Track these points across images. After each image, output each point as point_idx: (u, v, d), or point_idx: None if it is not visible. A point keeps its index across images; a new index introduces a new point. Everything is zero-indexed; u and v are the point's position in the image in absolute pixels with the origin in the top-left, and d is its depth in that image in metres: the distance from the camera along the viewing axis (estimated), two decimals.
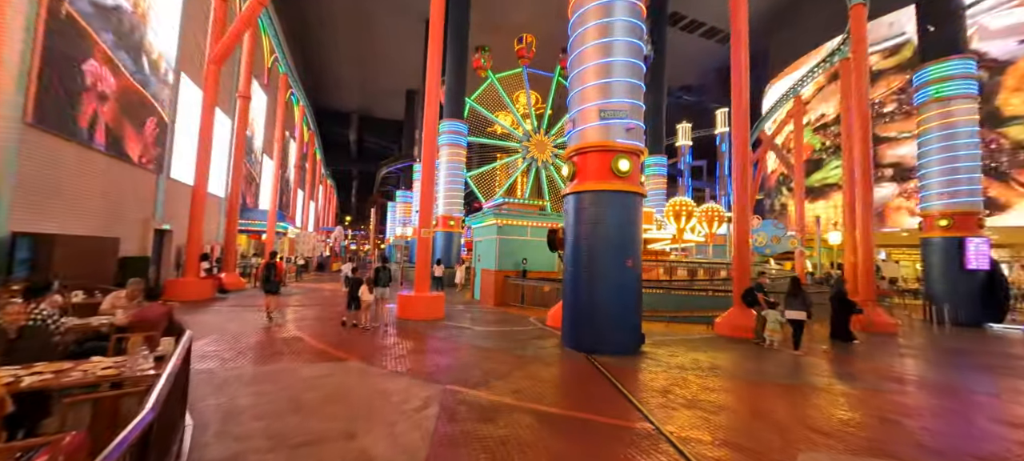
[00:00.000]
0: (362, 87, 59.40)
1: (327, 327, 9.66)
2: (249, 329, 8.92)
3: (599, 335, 7.87)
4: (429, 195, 12.19)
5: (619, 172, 7.98)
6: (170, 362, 3.04)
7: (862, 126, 13.48)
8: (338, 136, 69.18)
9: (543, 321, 11.32)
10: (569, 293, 8.43)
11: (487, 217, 15.40)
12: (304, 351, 7.23)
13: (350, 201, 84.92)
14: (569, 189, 8.61)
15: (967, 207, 14.86)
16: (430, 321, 10.82)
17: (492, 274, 14.74)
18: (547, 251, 15.74)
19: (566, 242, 8.67)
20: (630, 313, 8.00)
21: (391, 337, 8.69)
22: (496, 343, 8.49)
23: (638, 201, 8.23)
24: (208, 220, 19.74)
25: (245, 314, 10.90)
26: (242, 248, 26.78)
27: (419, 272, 11.64)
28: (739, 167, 11.11)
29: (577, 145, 8.46)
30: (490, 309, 13.67)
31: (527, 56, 30.47)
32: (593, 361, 7.22)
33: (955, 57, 15.44)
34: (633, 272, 8.04)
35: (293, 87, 30.58)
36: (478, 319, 11.54)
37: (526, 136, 31.11)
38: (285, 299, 14.21)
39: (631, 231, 8.08)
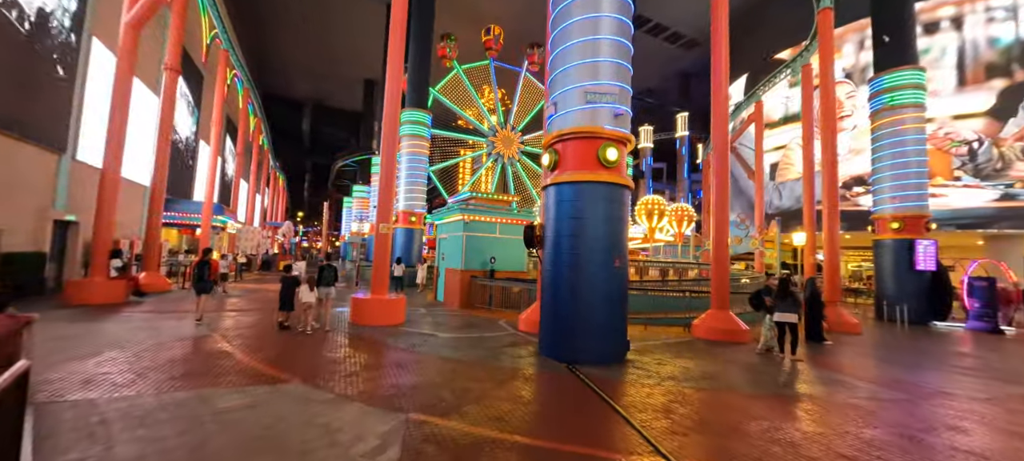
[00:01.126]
0: (317, 74, 55.79)
1: (265, 336, 8.19)
2: (163, 340, 7.30)
3: (583, 343, 7.04)
4: (389, 189, 10.93)
5: (606, 162, 7.19)
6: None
7: (828, 128, 13.67)
8: (290, 126, 64.77)
9: (515, 325, 10.41)
10: (549, 296, 7.55)
11: (453, 213, 14.26)
12: (230, 370, 5.84)
13: (302, 196, 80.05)
14: (550, 180, 7.73)
15: (916, 211, 15.57)
16: (389, 327, 9.58)
17: (458, 274, 13.62)
18: (516, 250, 14.90)
19: (545, 239, 7.79)
20: (616, 318, 7.25)
21: (341, 348, 7.41)
22: (466, 353, 7.45)
23: (626, 195, 7.50)
24: (127, 211, 17.17)
25: (162, 322, 9.13)
26: (171, 244, 23.83)
27: (377, 272, 10.35)
28: (719, 166, 10.74)
29: (559, 131, 7.59)
30: (456, 312, 12.56)
31: (494, 48, 29.45)
32: (578, 373, 6.37)
33: (906, 68, 16.16)
34: (620, 273, 7.29)
35: (237, 68, 27.74)
36: (443, 324, 10.42)
37: (492, 131, 30.09)
38: (220, 302, 12.34)
39: (618, 227, 7.33)
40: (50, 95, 12.69)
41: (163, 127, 15.30)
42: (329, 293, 9.13)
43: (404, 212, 21.84)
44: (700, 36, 41.48)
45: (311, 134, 67.04)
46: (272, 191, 57.06)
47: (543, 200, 8.60)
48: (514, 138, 30.64)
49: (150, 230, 14.92)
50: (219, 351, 6.86)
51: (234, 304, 12.43)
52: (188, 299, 13.01)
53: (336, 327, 9.35)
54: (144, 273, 14.46)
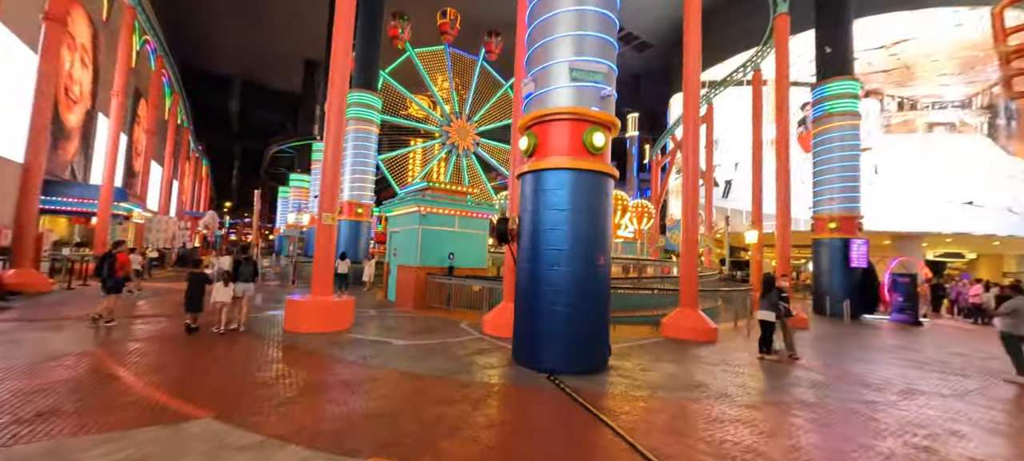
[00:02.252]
0: (249, 50, 50.53)
1: (171, 349, 6.56)
2: (23, 361, 5.48)
3: (564, 350, 6.26)
4: (335, 175, 9.48)
5: (592, 147, 6.45)
6: None
7: (782, 130, 14.11)
8: (216, 105, 58.22)
9: (478, 328, 9.46)
10: (525, 297, 6.69)
11: (407, 204, 12.95)
12: (114, 403, 4.35)
13: (230, 183, 72.68)
14: (527, 166, 6.86)
15: (850, 212, 16.67)
16: (332, 334, 8.21)
17: (412, 271, 12.36)
18: (476, 245, 13.91)
19: (521, 233, 6.91)
20: (601, 322, 6.55)
21: (272, 363, 6.04)
22: (429, 365, 6.39)
23: (611, 185, 6.81)
24: None
25: (27, 333, 7.08)
26: (58, 235, 19.97)
27: (319, 269, 8.89)
28: (689, 163, 10.49)
29: (538, 111, 6.73)
30: (410, 314, 11.34)
31: (450, 32, 27.97)
32: (563, 387, 5.57)
33: (843, 78, 17.24)
34: (604, 271, 6.60)
35: (148, 31, 23.93)
36: (397, 329, 9.21)
37: (446, 120, 28.64)
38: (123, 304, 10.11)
39: (603, 221, 6.62)
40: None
41: (41, 90, 12.41)
42: (247, 290, 8.37)
43: (350, 203, 19.93)
44: (652, 39, 42.73)
45: (241, 116, 60.75)
46: (192, 177, 51.00)
47: (516, 189, 7.73)
48: (469, 129, 29.42)
49: (23, 217, 12.06)
50: (103, 373, 5.23)
51: (138, 308, 10.27)
52: (73, 301, 10.63)
53: (266, 334, 7.84)
54: (14, 269, 11.66)
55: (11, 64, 15.13)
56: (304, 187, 42.80)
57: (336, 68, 9.36)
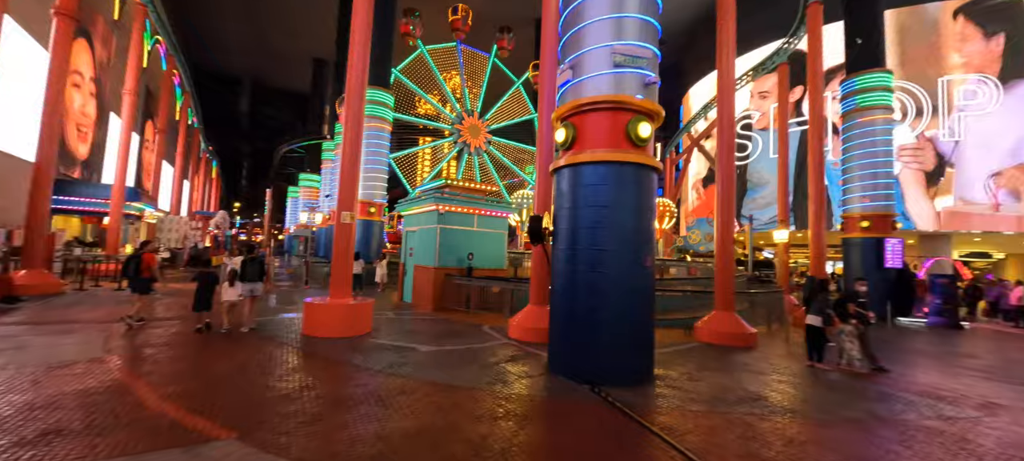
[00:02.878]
0: (258, 50, 50.63)
1: (184, 357, 6.16)
2: (24, 372, 5.10)
3: (607, 359, 5.76)
4: (353, 171, 9.05)
5: (637, 139, 5.93)
6: None
7: (816, 123, 13.46)
8: (226, 106, 58.51)
9: (502, 331, 9.00)
10: (563, 302, 6.19)
11: (425, 203, 12.51)
12: (124, 421, 3.93)
13: (239, 184, 73.06)
14: (564, 160, 6.36)
15: (883, 210, 15.94)
16: (353, 339, 7.78)
17: (430, 272, 11.92)
18: (495, 245, 13.43)
19: (557, 233, 6.42)
20: (647, 328, 6.04)
21: (293, 372, 5.60)
22: (460, 374, 5.92)
23: (655, 180, 6.29)
24: (10, 193, 13.72)
25: (33, 338, 6.72)
26: (73, 235, 19.84)
27: (337, 270, 8.47)
28: (725, 160, 9.92)
29: (576, 101, 6.22)
30: (429, 316, 10.89)
31: (462, 29, 27.51)
32: (611, 400, 5.08)
33: (875, 70, 16.51)
34: (650, 273, 6.08)
35: (159, 29, 23.79)
36: (420, 333, 8.75)
37: (458, 118, 28.21)
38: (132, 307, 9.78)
39: (648, 219, 6.11)
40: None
41: (51, 87, 12.14)
42: (253, 290, 8.19)
43: (363, 202, 19.52)
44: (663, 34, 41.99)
45: (250, 116, 60.98)
46: (203, 177, 51.17)
47: (542, 186, 7.25)
48: (481, 127, 28.97)
49: (33, 216, 11.79)
50: (112, 385, 4.82)
51: (151, 310, 9.91)
52: (85, 303, 10.33)
53: (284, 339, 7.42)
54: (24, 269, 11.40)
55: (21, 60, 14.93)
56: (314, 187, 42.68)
57: (354, 64, 8.96)
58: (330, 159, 32.15)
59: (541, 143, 9.20)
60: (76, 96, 20.58)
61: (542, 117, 9.24)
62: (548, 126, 9.20)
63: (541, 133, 9.22)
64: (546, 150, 9.19)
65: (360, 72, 9.02)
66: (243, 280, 8.06)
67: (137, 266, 8.06)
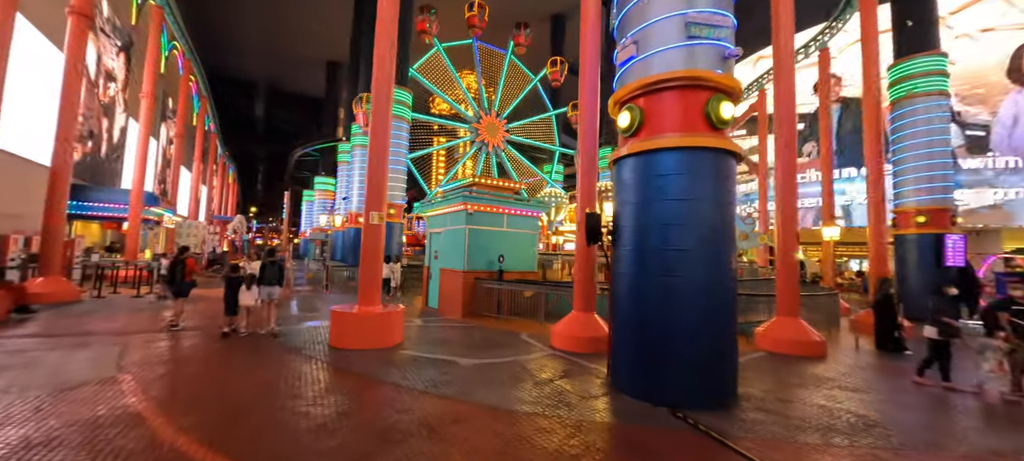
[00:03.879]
0: (272, 54, 50.72)
1: (205, 373, 5.51)
2: (36, 391, 4.50)
3: (685, 377, 4.94)
4: (381, 168, 8.38)
5: (718, 120, 5.11)
6: None
7: (871, 114, 12.40)
8: (242, 110, 58.92)
9: (542, 341, 8.22)
10: (629, 309, 5.39)
11: (452, 202, 11.80)
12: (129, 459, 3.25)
13: (256, 188, 73.71)
14: (627, 149, 5.56)
15: (941, 203, 14.75)
16: (385, 351, 7.08)
17: (459, 276, 11.20)
18: (525, 247, 12.64)
19: (621, 231, 5.62)
20: (730, 339, 5.20)
21: (327, 395, 4.90)
22: (510, 395, 5.15)
23: (735, 168, 5.44)
24: (28, 199, 13.42)
25: (45, 353, 6.15)
26: (90, 241, 19.66)
27: (366, 275, 7.79)
28: (786, 152, 8.98)
29: (643, 80, 5.42)
30: (459, 323, 10.16)
31: (478, 26, 26.82)
32: (701, 428, 4.26)
33: (929, 53, 15.33)
34: (732, 275, 5.24)
35: (175, 33, 23.61)
36: (454, 342, 8.01)
37: (476, 117, 27.54)
38: (152, 315, 9.24)
39: (730, 212, 5.27)
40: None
41: (67, 89, 11.76)
42: (272, 294, 8.12)
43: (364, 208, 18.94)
44: None
45: (266, 120, 61.32)
46: (220, 182, 51.49)
47: (618, 176, 6.45)
48: (499, 126, 28.26)
49: (50, 222, 11.41)
50: (123, 413, 4.17)
51: (168, 318, 9.38)
52: (102, 311, 9.86)
53: (311, 352, 6.76)
54: (41, 277, 11.01)
55: (36, 63, 14.66)
56: (329, 190, 42.50)
57: (381, 57, 8.33)
58: (346, 160, 31.76)
59: (584, 135, 8.41)
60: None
61: (584, 105, 8.45)
62: (591, 115, 8.42)
63: (584, 122, 8.43)
64: (589, 141, 8.39)
65: (387, 64, 8.37)
66: (262, 284, 8.04)
67: (182, 270, 8.37)
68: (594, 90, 8.43)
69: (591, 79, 8.41)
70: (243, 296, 7.89)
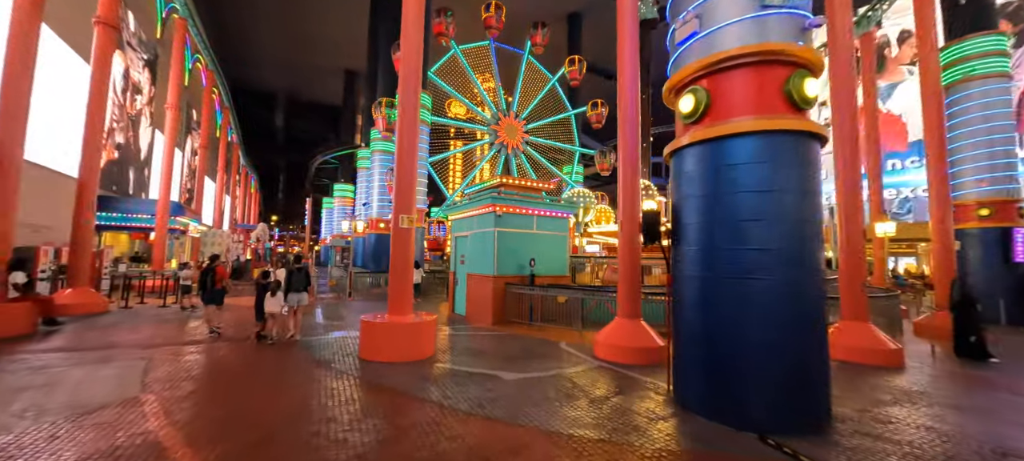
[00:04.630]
0: (291, 64, 51.53)
1: (231, 394, 5.09)
2: (52, 416, 4.14)
3: (770, 396, 4.28)
4: (411, 169, 7.95)
5: (801, 99, 4.46)
6: None
7: (932, 100, 11.42)
8: (262, 121, 60.04)
9: (583, 350, 7.64)
10: (698, 318, 4.76)
11: (480, 203, 11.30)
12: None
13: (277, 198, 75.05)
14: (688, 137, 4.94)
15: (1006, 195, 13.56)
16: (419, 364, 6.59)
17: (489, 282, 10.67)
18: (556, 250, 12.03)
19: (683, 228, 4.99)
20: (821, 352, 4.51)
21: (366, 419, 4.40)
22: (567, 417, 4.57)
23: (820, 152, 4.76)
24: (60, 211, 13.51)
25: (68, 370, 5.85)
26: (119, 251, 19.90)
27: (396, 282, 7.32)
28: (845, 136, 8.18)
29: (710, 57, 4.79)
30: (491, 331, 9.63)
31: (495, 26, 26.45)
32: (800, 459, 3.60)
33: (986, 33, 14.19)
34: (821, 278, 4.55)
35: (198, 45, 23.93)
36: (490, 354, 7.47)
37: (494, 118, 27.12)
38: (180, 325, 8.99)
39: (817, 205, 4.60)
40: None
41: (93, 100, 11.74)
42: (300, 300, 8.22)
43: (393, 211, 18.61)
44: None
45: (285, 130, 62.35)
46: (243, 191, 52.45)
47: (677, 169, 5.79)
48: (518, 127, 27.77)
49: (78, 232, 11.35)
50: (144, 443, 3.75)
51: (196, 328, 9.11)
52: (129, 322, 9.68)
53: (341, 365, 6.31)
54: (69, 289, 10.94)
55: (62, 74, 14.82)
56: (348, 196, 42.74)
57: (408, 54, 7.92)
58: (365, 167, 31.75)
59: (626, 127, 7.79)
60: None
61: (624, 95, 7.83)
62: (632, 102, 7.80)
63: (625, 113, 7.81)
64: (630, 133, 7.78)
65: (414, 59, 7.94)
66: (289, 291, 8.07)
67: (214, 277, 8.63)
68: (634, 77, 7.83)
69: (631, 66, 7.81)
70: (268, 303, 7.84)
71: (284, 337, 8.12)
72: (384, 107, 22.85)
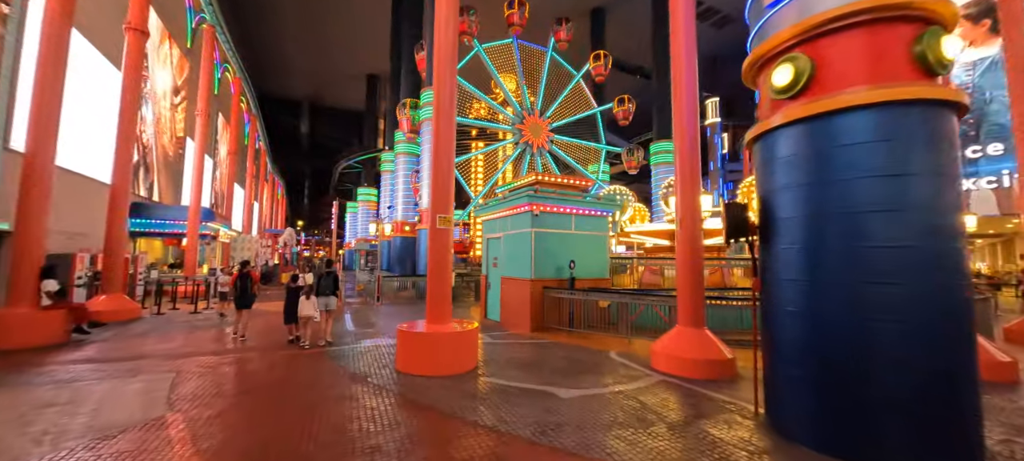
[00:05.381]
0: (314, 71, 52.29)
1: (261, 415, 4.60)
2: (70, 440, 3.72)
3: (910, 429, 3.47)
4: (447, 165, 7.42)
5: (935, 62, 3.64)
6: None
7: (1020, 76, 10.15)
8: (287, 128, 61.18)
9: (637, 361, 6.93)
10: (802, 330, 3.98)
11: (513, 203, 10.68)
12: None
13: (302, 203, 76.47)
14: (782, 116, 4.17)
15: None
16: (461, 378, 6.00)
17: (526, 286, 10.03)
18: (595, 250, 11.29)
19: (778, 224, 4.23)
20: (971, 372, 3.65)
21: (412, 442, 3.81)
22: (647, 445, 3.87)
23: (957, 127, 3.91)
24: (95, 219, 13.60)
25: (94, 384, 5.51)
26: (153, 257, 20.19)
27: (435, 289, 6.77)
28: None
29: (808, 21, 4.01)
30: (531, 339, 8.97)
31: (519, 23, 25.88)
32: None
33: None
34: (967, 282, 3.71)
35: (227, 52, 24.24)
36: (537, 366, 6.81)
37: (519, 118, 26.53)
38: (216, 333, 8.71)
39: (956, 191, 3.76)
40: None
41: (125, 107, 11.71)
42: (328, 304, 8.16)
43: (429, 211, 18.20)
44: (734, 11, 38.15)
45: (310, 136, 63.44)
46: (270, 197, 53.52)
47: (765, 155, 5.02)
48: (543, 126, 27.09)
49: (111, 239, 11.32)
50: None
51: (225, 336, 8.81)
52: (161, 329, 9.49)
53: (378, 379, 5.77)
54: (103, 294, 10.89)
55: (95, 81, 14.95)
56: (372, 200, 42.97)
57: (441, 43, 7.37)
58: (389, 170, 31.67)
59: (682, 111, 7.03)
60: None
61: (679, 74, 7.07)
62: (688, 86, 7.04)
63: (680, 95, 7.05)
64: (688, 117, 7.00)
65: (450, 48, 7.40)
66: (319, 295, 8.07)
67: (250, 283, 8.75)
68: (690, 55, 7.07)
69: (687, 39, 7.05)
70: (303, 307, 7.87)
71: (317, 341, 8.07)
72: (408, 108, 22.59)
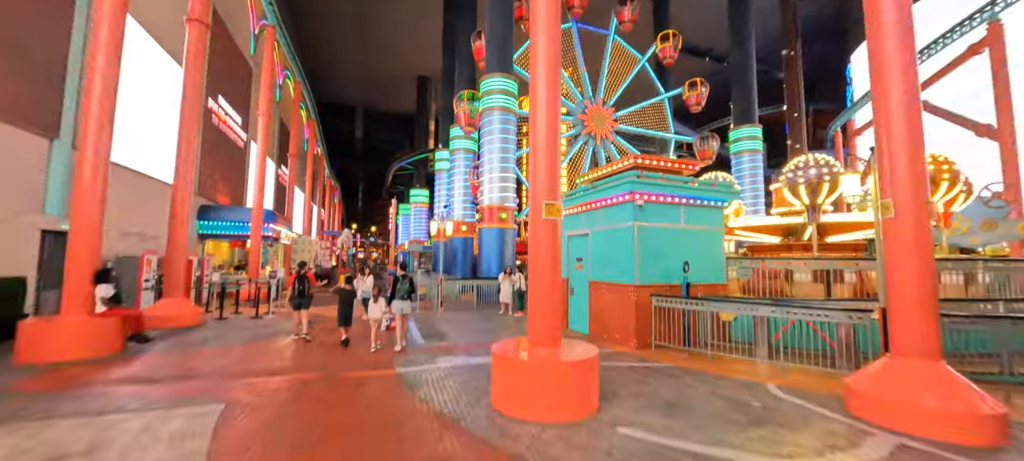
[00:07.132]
0: (367, 76, 53.35)
1: (334, 432, 3.13)
2: None
3: None
4: (552, 140, 5.65)
5: None
6: None
7: None
8: (342, 133, 63.12)
9: (814, 399, 4.83)
10: None
11: (608, 191, 8.81)
12: None
13: (356, 206, 78.90)
14: None
15: None
16: (585, 426, 4.27)
17: (628, 292, 8.14)
18: (710, 249, 9.10)
19: None
20: None
21: None
22: None
23: None
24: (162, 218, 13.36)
25: (131, 419, 4.36)
26: (219, 260, 20.40)
27: (538, 301, 5.09)
28: None
29: None
30: (640, 360, 7.08)
31: (579, 5, 23.90)
32: None
33: None
34: None
35: (287, 55, 24.34)
36: (681, 408, 4.92)
37: (581, 107, 24.54)
38: (271, 338, 7.70)
39: None
40: (35, 53, 8.83)
41: (187, 104, 11.19)
42: (403, 309, 7.75)
43: (492, 207, 16.77)
44: None
45: (363, 141, 65.11)
46: (327, 200, 55.19)
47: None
48: (606, 115, 24.92)
49: (173, 241, 10.78)
50: None
51: (286, 347, 7.72)
52: (221, 338, 8.66)
53: (470, 422, 4.18)
54: (162, 300, 10.34)
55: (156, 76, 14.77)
56: (424, 201, 42.71)
57: None
58: (444, 168, 30.82)
59: (894, 56, 4.85)
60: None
61: (876, 52, 4.89)
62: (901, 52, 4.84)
63: (888, 35, 4.87)
64: (902, 55, 4.82)
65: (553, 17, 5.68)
66: (396, 298, 7.78)
67: (307, 285, 8.68)
68: None
69: None
70: (372, 310, 7.92)
71: (395, 346, 7.72)
72: (466, 101, 21.33)
